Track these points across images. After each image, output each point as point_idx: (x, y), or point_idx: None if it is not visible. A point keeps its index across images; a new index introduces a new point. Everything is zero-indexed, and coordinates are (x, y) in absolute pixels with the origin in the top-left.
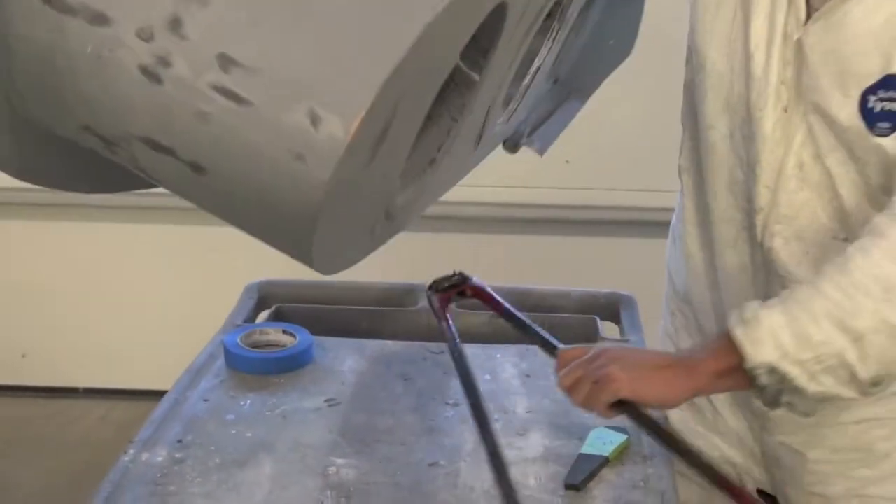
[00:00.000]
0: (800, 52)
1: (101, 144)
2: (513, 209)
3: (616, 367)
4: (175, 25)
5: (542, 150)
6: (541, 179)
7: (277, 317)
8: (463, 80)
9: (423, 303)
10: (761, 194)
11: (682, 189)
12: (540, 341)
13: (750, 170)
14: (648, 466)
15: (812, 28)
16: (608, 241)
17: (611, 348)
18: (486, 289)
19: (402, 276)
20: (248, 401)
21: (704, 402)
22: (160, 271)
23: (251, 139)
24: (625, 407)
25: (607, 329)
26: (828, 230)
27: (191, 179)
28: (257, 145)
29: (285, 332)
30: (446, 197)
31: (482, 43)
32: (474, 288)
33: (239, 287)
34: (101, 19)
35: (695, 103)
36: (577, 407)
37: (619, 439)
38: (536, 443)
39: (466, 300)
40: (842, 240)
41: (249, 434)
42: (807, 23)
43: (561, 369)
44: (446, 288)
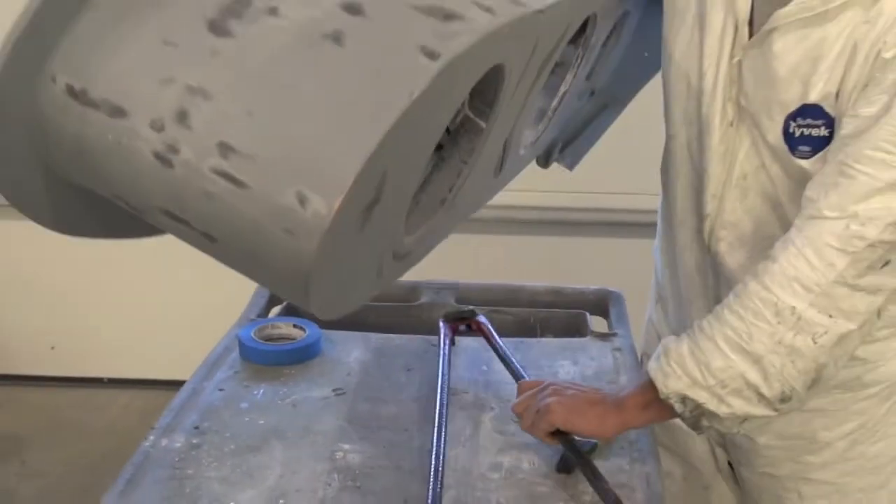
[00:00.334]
0: (741, 72)
1: (130, 210)
2: (511, 211)
3: (555, 401)
4: (182, 117)
5: (572, 166)
6: (536, 183)
7: (288, 312)
8: (472, 128)
9: (425, 298)
10: (709, 202)
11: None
12: (513, 373)
13: (700, 179)
14: (633, 451)
15: (749, 52)
16: (598, 241)
17: (557, 384)
18: (487, 325)
19: (406, 275)
20: (261, 390)
21: None
22: (180, 271)
23: (249, 216)
24: (560, 436)
25: (596, 323)
26: (772, 237)
27: (206, 245)
28: (255, 221)
29: (296, 326)
30: None
31: (486, 95)
32: (478, 323)
33: (252, 284)
34: (120, 112)
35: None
36: (524, 431)
37: None
38: None
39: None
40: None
41: (262, 421)
42: (746, 47)
43: (518, 397)
44: (456, 319)
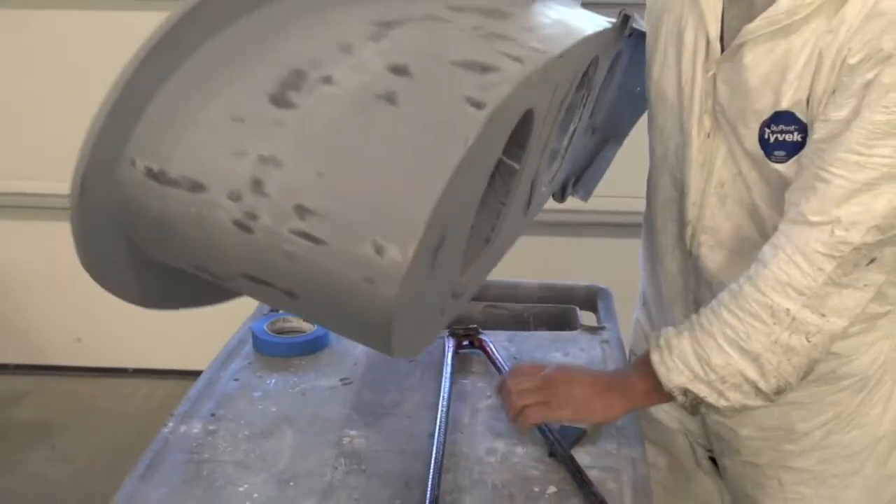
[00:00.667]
0: (715, 85)
1: (212, 279)
2: None
3: (565, 390)
4: (257, 186)
5: (586, 197)
6: None
7: None
8: (506, 170)
9: None
10: (690, 209)
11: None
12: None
13: (681, 188)
14: (620, 436)
15: (722, 66)
16: (588, 241)
17: (560, 373)
18: (489, 343)
19: None
20: (273, 380)
21: None
22: None
23: (330, 270)
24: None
25: (585, 317)
26: (748, 238)
27: (288, 302)
28: (335, 274)
29: (305, 320)
30: None
31: (518, 139)
32: (480, 340)
33: None
34: (199, 187)
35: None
36: (508, 414)
37: None
38: None
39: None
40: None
41: (274, 409)
42: (719, 61)
43: (512, 378)
44: (462, 335)
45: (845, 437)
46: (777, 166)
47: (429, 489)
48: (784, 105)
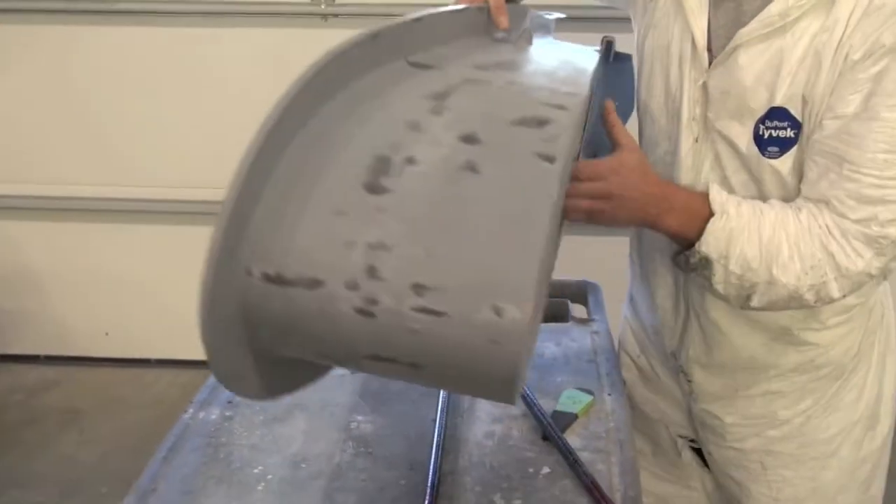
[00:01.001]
0: (706, 93)
1: (334, 363)
2: None
3: (610, 207)
4: (372, 272)
5: None
6: None
7: None
8: None
9: None
10: None
11: None
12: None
13: None
14: (610, 421)
15: (713, 73)
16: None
17: (620, 187)
18: None
19: None
20: None
21: (651, 372)
22: None
23: (454, 338)
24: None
25: (577, 310)
26: None
27: (411, 374)
28: (460, 341)
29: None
30: None
31: None
32: None
33: None
34: (316, 284)
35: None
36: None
37: (587, 399)
38: (518, 403)
39: None
40: None
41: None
42: (709, 69)
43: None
44: None
45: (823, 423)
46: (771, 162)
47: (431, 470)
48: (778, 101)
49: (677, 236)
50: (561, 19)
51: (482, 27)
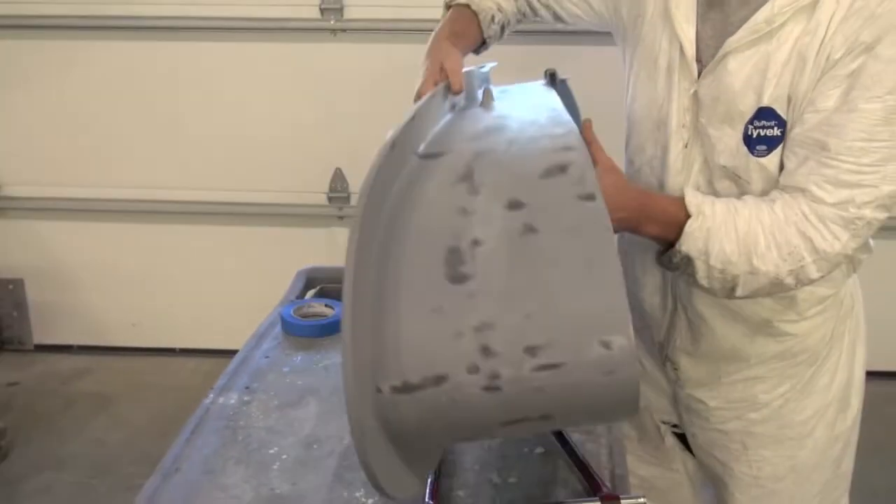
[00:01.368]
0: (696, 101)
1: (470, 440)
2: None
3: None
4: (486, 352)
5: None
6: None
7: (321, 294)
8: None
9: None
10: None
11: None
12: None
13: (661, 191)
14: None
15: (704, 81)
16: None
17: (603, 180)
18: None
19: None
20: (299, 357)
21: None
22: (235, 264)
23: (575, 382)
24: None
25: None
26: None
27: (543, 425)
28: (581, 383)
29: (327, 306)
30: None
31: None
32: None
33: (291, 272)
34: (441, 379)
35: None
36: None
37: None
38: None
39: None
40: None
41: (300, 382)
42: (699, 78)
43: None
44: None
45: (800, 405)
46: (759, 160)
47: None
48: (765, 101)
49: (659, 240)
50: (494, 67)
51: (449, 100)
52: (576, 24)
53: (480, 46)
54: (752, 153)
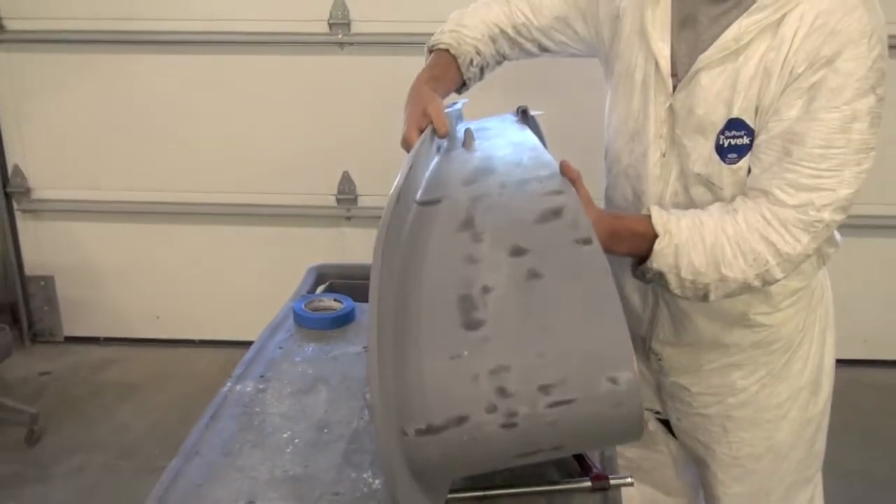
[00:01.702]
0: (672, 113)
1: (487, 471)
2: None
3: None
4: (502, 392)
5: None
6: None
7: (330, 289)
8: None
9: None
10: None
11: None
12: None
13: (638, 197)
14: None
15: (679, 95)
16: None
17: (588, 210)
18: None
19: None
20: (310, 348)
21: None
22: (251, 259)
23: (585, 415)
24: None
25: None
26: None
27: (555, 454)
28: (591, 416)
29: (336, 300)
30: None
31: None
32: None
33: (302, 269)
34: (462, 420)
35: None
36: None
37: None
38: None
39: None
40: None
41: (311, 371)
42: (674, 91)
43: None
44: None
45: (775, 390)
46: (730, 167)
47: None
48: (735, 113)
49: (631, 256)
50: (465, 103)
51: (436, 141)
52: (563, 51)
53: (461, 87)
54: (724, 161)
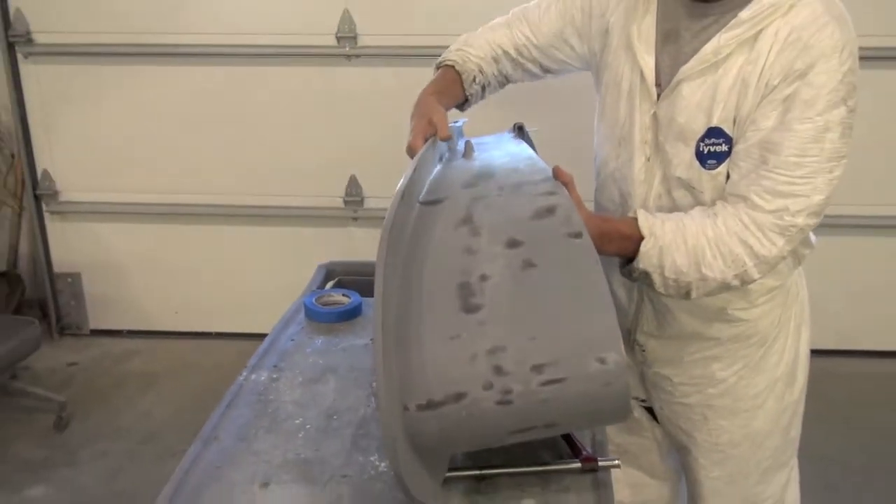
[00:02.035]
0: (656, 121)
1: (483, 447)
2: None
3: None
4: (498, 371)
5: None
6: None
7: (339, 285)
8: None
9: None
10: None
11: None
12: None
13: (624, 199)
14: None
15: (662, 104)
16: None
17: (579, 211)
18: None
19: None
20: (320, 340)
21: None
22: (264, 257)
23: (576, 393)
24: None
25: None
26: None
27: (548, 432)
28: (582, 394)
29: (344, 295)
30: None
31: None
32: None
33: (313, 266)
34: (460, 396)
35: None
36: None
37: None
38: None
39: None
40: None
41: (321, 361)
42: (658, 101)
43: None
44: None
45: (752, 381)
46: (710, 172)
47: None
48: (714, 122)
49: (618, 256)
50: (465, 122)
51: (438, 150)
52: (563, 70)
53: (464, 103)
54: (704, 167)
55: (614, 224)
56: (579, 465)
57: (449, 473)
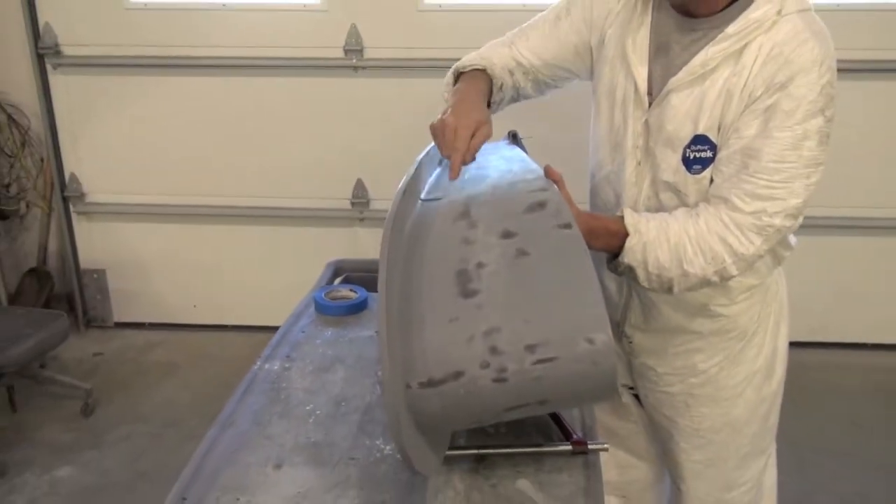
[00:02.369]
0: (647, 127)
1: (480, 424)
2: None
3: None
4: (494, 351)
5: None
6: None
7: (346, 281)
8: None
9: None
10: None
11: None
12: None
13: (619, 201)
14: None
15: (653, 112)
16: None
17: (572, 210)
18: None
19: None
20: (329, 332)
21: None
22: (277, 255)
23: (566, 372)
24: None
25: None
26: None
27: (540, 409)
28: (571, 372)
29: (351, 290)
30: None
31: None
32: None
33: (322, 263)
34: (459, 374)
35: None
36: None
37: None
38: None
39: None
40: None
41: (330, 352)
42: (649, 109)
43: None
44: None
45: (732, 372)
46: (695, 177)
47: None
48: (700, 130)
49: (606, 251)
50: None
51: (439, 154)
52: (569, 81)
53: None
54: (690, 171)
55: (602, 221)
56: (570, 448)
57: (449, 452)
